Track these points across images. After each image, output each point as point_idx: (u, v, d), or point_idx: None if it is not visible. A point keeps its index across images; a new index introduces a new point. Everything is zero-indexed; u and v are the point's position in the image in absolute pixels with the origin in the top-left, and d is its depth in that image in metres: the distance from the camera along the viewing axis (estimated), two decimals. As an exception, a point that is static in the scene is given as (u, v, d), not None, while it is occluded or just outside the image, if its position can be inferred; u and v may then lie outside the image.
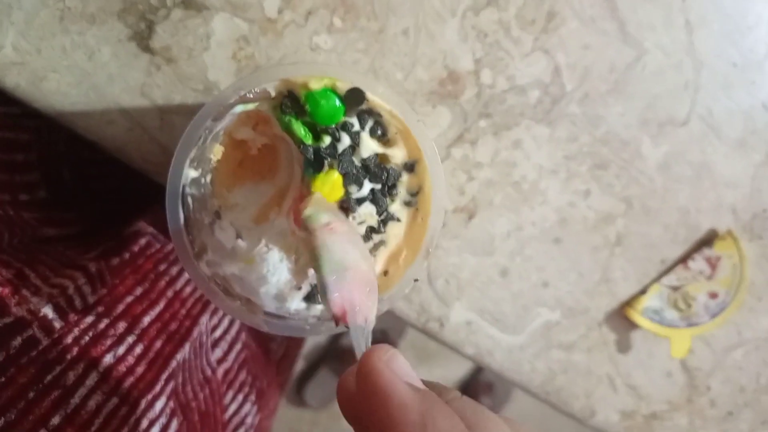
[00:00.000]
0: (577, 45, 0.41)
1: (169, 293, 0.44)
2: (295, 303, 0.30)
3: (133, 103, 0.37)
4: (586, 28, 0.40)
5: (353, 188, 0.29)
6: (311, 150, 0.28)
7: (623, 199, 0.44)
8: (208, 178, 0.29)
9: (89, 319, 0.36)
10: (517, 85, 0.41)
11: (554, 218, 0.44)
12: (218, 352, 0.49)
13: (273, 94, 0.27)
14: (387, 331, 1.60)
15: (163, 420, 0.39)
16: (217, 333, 0.49)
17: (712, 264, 0.45)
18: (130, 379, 0.37)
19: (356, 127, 0.28)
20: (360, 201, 0.29)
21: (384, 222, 0.31)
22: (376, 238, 0.31)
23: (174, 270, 0.45)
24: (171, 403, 0.40)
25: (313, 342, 1.63)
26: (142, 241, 0.44)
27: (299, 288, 0.30)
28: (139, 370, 0.38)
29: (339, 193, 0.28)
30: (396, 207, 0.31)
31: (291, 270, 0.30)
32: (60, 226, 0.46)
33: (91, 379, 0.34)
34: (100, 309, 0.37)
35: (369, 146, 0.29)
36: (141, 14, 0.36)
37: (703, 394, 0.50)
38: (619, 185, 0.44)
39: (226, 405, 0.49)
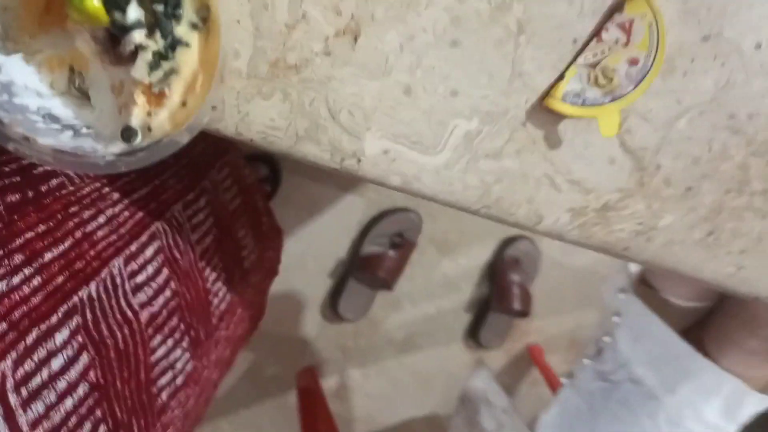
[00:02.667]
0: None
1: (78, 234, 0.45)
2: (88, 141, 0.29)
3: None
4: None
5: (118, 14, 0.27)
6: None
7: (513, -21, 0.41)
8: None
9: None
10: None
11: (445, 18, 0.41)
12: (141, 296, 0.51)
13: None
14: (403, 233, 1.61)
15: (69, 352, 0.42)
16: (139, 279, 0.51)
17: (626, 29, 0.42)
18: (22, 308, 0.38)
19: None
20: (130, 27, 0.27)
21: (172, 47, 0.29)
22: (165, 65, 0.30)
23: (87, 213, 0.47)
24: (79, 338, 0.43)
25: (335, 257, 1.66)
26: (54, 182, 0.44)
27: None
28: (34, 300, 0.39)
29: (104, 20, 0.27)
30: (183, 30, 0.29)
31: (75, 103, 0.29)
32: None
33: None
34: None
35: None
36: None
37: (655, 174, 0.48)
38: (504, -35, 0.40)
39: (154, 347, 0.52)
